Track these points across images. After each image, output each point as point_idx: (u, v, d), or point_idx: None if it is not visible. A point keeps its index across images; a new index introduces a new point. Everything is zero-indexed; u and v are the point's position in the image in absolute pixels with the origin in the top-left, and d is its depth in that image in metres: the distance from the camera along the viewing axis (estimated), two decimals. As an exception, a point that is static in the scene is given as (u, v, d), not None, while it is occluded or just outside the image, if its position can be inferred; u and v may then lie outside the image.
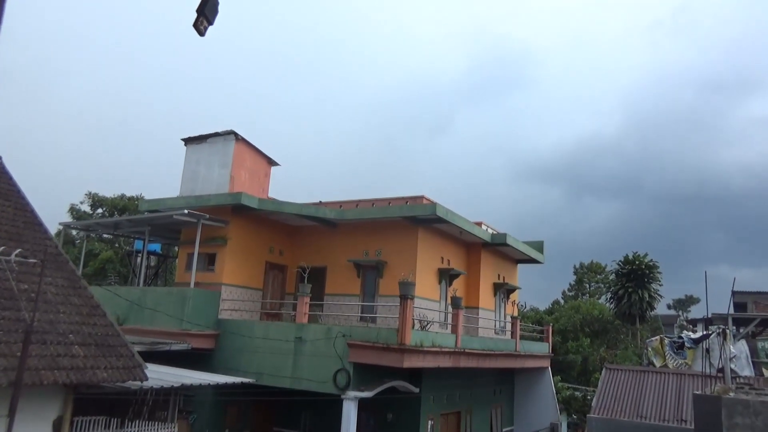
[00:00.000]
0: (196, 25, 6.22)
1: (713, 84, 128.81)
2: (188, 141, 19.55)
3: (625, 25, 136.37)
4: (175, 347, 14.69)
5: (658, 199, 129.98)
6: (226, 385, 12.42)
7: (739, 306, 26.76)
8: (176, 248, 21.05)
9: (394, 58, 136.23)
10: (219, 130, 18.96)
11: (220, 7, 6.30)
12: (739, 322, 21.49)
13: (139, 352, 9.18)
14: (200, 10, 6.22)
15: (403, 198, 18.58)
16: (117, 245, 33.24)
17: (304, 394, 14.34)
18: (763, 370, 19.63)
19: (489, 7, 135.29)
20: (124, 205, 34.99)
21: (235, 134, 18.79)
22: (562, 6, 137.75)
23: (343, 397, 13.52)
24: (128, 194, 36.46)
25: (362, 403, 13.87)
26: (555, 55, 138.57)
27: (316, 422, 16.32)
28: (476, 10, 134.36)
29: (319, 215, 18.00)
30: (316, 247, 19.06)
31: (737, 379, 15.63)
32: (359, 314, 17.30)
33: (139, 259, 20.98)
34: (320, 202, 19.85)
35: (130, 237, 22.58)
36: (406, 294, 13.47)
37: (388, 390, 14.59)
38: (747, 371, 19.22)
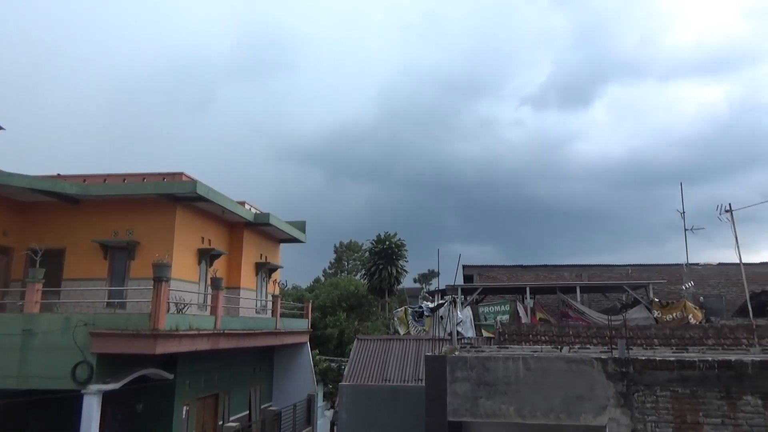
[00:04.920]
0: None
1: (451, 85, 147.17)
2: None
3: (383, 23, 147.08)
4: None
5: (407, 184, 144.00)
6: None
7: (468, 278, 31.31)
8: None
9: (156, 29, 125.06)
10: None
11: None
12: (466, 292, 25.20)
13: None
14: None
15: (159, 174, 17.38)
16: None
17: (36, 393, 12.60)
18: (483, 331, 23.35)
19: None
20: None
21: (-60, 88, 15.36)
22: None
23: (83, 392, 12.24)
24: None
25: (108, 397, 12.75)
26: (320, 45, 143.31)
27: (48, 422, 14.48)
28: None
29: (57, 190, 15.79)
30: (53, 226, 16.72)
31: (462, 340, 18.34)
32: (106, 300, 15.79)
33: None
34: (59, 174, 17.43)
35: None
36: (160, 276, 12.74)
37: (139, 379, 13.68)
38: (471, 333, 22.66)
